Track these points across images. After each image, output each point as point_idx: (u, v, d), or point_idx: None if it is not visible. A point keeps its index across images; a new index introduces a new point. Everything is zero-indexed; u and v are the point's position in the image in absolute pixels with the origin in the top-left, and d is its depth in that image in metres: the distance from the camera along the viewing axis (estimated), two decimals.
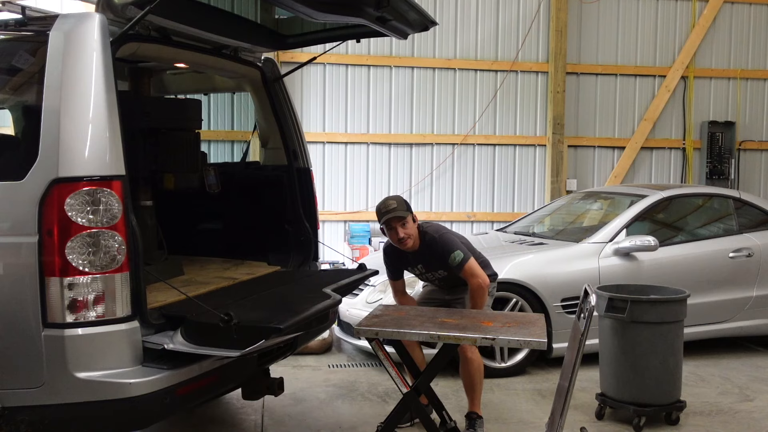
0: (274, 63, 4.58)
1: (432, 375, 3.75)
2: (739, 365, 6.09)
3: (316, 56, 5.57)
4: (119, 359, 2.87)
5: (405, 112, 9.03)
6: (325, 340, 6.21)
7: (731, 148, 9.62)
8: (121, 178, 2.88)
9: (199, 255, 4.64)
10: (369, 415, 4.78)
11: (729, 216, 6.54)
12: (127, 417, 2.89)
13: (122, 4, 3.07)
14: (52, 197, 2.77)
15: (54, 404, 2.80)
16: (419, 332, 3.53)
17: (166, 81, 4.97)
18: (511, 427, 4.62)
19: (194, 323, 3.02)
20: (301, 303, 3.37)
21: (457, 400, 5.09)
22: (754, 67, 9.79)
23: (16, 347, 2.83)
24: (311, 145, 6.80)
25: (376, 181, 9.01)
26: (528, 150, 9.32)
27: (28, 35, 3.13)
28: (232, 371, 3.37)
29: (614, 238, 5.99)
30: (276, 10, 4.37)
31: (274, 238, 4.55)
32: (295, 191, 4.51)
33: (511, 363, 5.68)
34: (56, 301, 2.77)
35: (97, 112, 2.85)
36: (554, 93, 9.12)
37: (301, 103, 8.64)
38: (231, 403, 4.95)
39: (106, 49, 2.92)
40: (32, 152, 2.82)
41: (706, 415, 4.91)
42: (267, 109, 4.52)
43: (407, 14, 3.86)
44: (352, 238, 8.59)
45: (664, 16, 9.53)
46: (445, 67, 9.04)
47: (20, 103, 3.38)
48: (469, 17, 9.09)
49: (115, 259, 2.85)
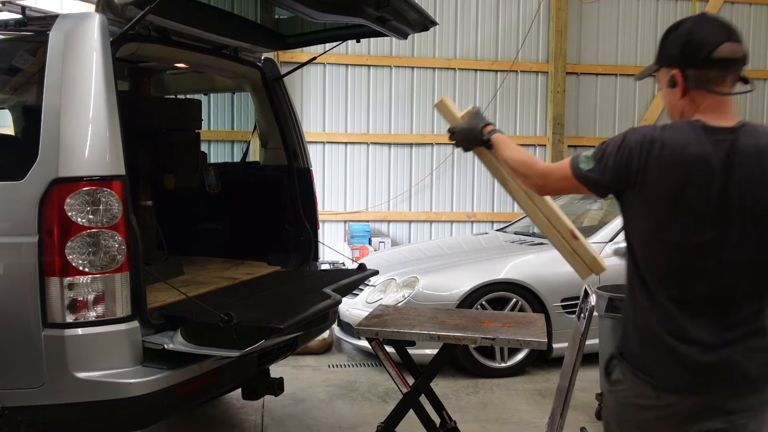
0: (274, 63, 4.58)
1: (432, 375, 3.75)
2: None
3: (316, 56, 5.57)
4: (119, 359, 2.86)
5: (405, 112, 9.03)
6: (325, 340, 6.21)
7: None
8: (121, 178, 2.88)
9: (199, 255, 4.64)
10: (369, 415, 4.78)
11: None
12: (127, 417, 2.89)
13: (122, 4, 3.07)
14: (52, 197, 2.77)
15: (54, 404, 2.80)
16: (419, 332, 3.53)
17: (166, 81, 4.97)
18: (511, 427, 4.62)
19: (194, 323, 3.02)
20: (301, 303, 3.36)
21: (457, 400, 5.09)
22: (754, 67, 9.78)
23: (16, 347, 2.83)
24: (311, 145, 6.80)
25: (376, 181, 9.01)
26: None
27: (28, 35, 3.13)
28: (232, 371, 3.37)
29: (614, 238, 5.98)
30: (276, 10, 4.37)
31: (274, 238, 4.55)
32: (295, 191, 4.51)
33: (511, 363, 5.68)
34: (56, 301, 2.77)
35: (97, 112, 2.85)
36: (554, 93, 9.12)
37: (301, 103, 8.64)
38: (231, 403, 4.95)
39: (106, 49, 2.92)
40: (32, 152, 2.81)
41: None
42: (267, 109, 4.52)
43: (407, 14, 3.86)
44: (352, 238, 8.59)
45: (664, 16, 9.52)
46: (445, 67, 9.04)
47: (20, 103, 3.38)
48: (469, 17, 9.09)
49: (115, 259, 2.85)
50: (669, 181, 1.93)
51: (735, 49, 2.00)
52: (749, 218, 1.93)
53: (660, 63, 2.09)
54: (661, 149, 1.93)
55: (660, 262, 2.00)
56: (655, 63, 2.11)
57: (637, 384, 2.02)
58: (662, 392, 1.98)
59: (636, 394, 2.03)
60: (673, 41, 2.03)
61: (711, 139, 1.93)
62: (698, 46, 1.97)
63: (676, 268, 1.97)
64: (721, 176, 1.91)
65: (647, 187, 1.95)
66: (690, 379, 1.96)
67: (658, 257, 2.01)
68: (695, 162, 1.91)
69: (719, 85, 1.99)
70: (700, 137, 1.93)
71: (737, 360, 1.95)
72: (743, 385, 1.97)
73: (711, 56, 1.96)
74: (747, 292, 1.97)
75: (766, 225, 1.94)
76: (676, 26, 2.06)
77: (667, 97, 2.09)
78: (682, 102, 2.03)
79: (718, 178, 1.91)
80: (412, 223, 9.12)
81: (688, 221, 1.93)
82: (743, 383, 1.96)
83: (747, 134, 1.95)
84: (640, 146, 1.95)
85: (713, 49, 1.96)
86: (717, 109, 1.98)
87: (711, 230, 1.93)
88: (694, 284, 1.96)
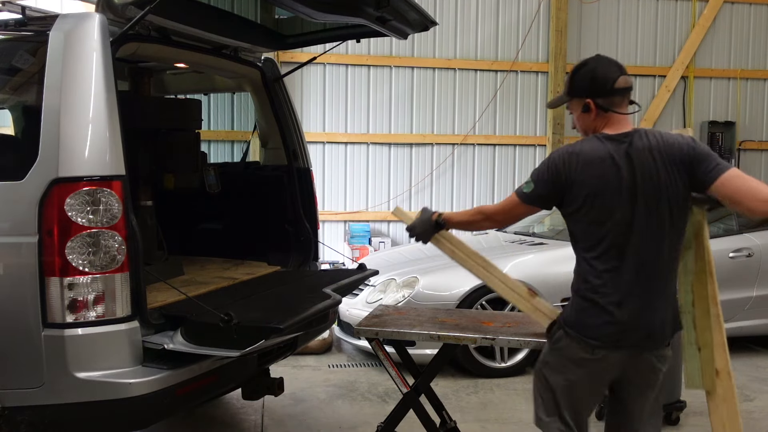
0: (274, 63, 4.57)
1: (432, 375, 3.75)
2: (739, 365, 6.08)
3: (316, 56, 5.57)
4: (119, 359, 2.86)
5: (405, 112, 9.03)
6: (325, 340, 6.21)
7: (731, 148, 9.62)
8: (121, 178, 2.88)
9: (199, 255, 4.64)
10: (369, 415, 4.78)
11: (729, 216, 6.53)
12: (127, 417, 2.89)
13: (122, 4, 3.07)
14: (52, 197, 2.77)
15: (54, 404, 2.80)
16: (419, 332, 3.53)
17: (166, 81, 4.97)
18: (511, 427, 4.62)
19: (194, 323, 3.02)
20: (301, 303, 3.37)
21: (457, 400, 5.09)
22: (754, 67, 9.79)
23: (16, 347, 2.83)
24: (311, 145, 6.80)
25: (376, 181, 9.01)
26: (528, 150, 9.32)
27: (28, 35, 3.13)
28: (232, 371, 3.37)
29: None
30: (276, 10, 4.36)
31: (274, 238, 4.55)
32: (295, 191, 4.51)
33: (511, 363, 5.68)
34: (56, 301, 2.77)
35: (97, 112, 2.85)
36: (554, 93, 9.11)
37: (301, 103, 8.64)
38: (231, 403, 4.95)
39: (106, 49, 2.91)
40: (32, 152, 2.81)
41: (706, 415, 4.88)
42: (267, 109, 4.51)
43: (407, 14, 3.86)
44: (352, 238, 8.59)
45: (664, 16, 9.52)
46: (445, 67, 9.04)
47: (20, 103, 3.38)
48: (469, 17, 9.09)
49: (115, 259, 2.85)
50: (589, 178, 2.55)
51: (627, 80, 2.66)
52: (651, 196, 2.53)
53: (572, 95, 2.71)
54: (578, 157, 2.58)
55: (591, 239, 2.59)
56: (567, 95, 2.73)
57: (575, 343, 2.62)
58: (597, 348, 2.59)
59: (575, 350, 2.63)
60: (582, 77, 2.66)
61: (614, 144, 2.58)
62: (603, 80, 2.62)
63: (604, 243, 2.57)
64: (624, 168, 2.54)
65: (576, 187, 2.57)
66: (616, 335, 2.57)
67: (590, 236, 2.60)
68: (604, 161, 2.55)
69: (620, 107, 2.65)
70: (605, 144, 2.59)
71: (650, 317, 2.58)
72: (657, 337, 2.63)
73: (614, 87, 2.61)
74: (658, 258, 2.58)
75: (663, 201, 2.54)
76: (581, 66, 2.69)
77: (580, 119, 2.72)
78: (594, 122, 2.67)
79: (622, 170, 2.54)
80: None
81: (607, 205, 2.54)
82: (657, 336, 2.63)
83: (639, 137, 2.60)
84: (563, 160, 2.59)
85: (614, 81, 2.61)
86: (618, 123, 2.64)
87: (625, 209, 2.53)
88: (618, 254, 2.56)
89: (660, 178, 2.53)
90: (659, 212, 2.55)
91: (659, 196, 2.54)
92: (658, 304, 2.61)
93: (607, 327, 2.58)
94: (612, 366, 2.64)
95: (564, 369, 2.68)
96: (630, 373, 2.68)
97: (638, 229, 2.54)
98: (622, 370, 2.67)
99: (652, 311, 2.59)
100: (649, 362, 2.68)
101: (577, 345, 2.62)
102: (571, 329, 2.64)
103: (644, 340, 2.62)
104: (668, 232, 2.59)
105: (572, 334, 2.63)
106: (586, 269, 2.63)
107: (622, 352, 2.61)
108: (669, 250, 2.61)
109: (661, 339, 2.67)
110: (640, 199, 2.53)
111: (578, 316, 2.64)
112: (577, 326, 2.63)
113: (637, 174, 2.53)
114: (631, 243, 2.55)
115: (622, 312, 2.56)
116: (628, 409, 2.79)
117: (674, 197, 2.56)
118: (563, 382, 2.69)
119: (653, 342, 2.64)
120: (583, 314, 2.62)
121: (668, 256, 2.61)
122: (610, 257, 2.56)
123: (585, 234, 2.62)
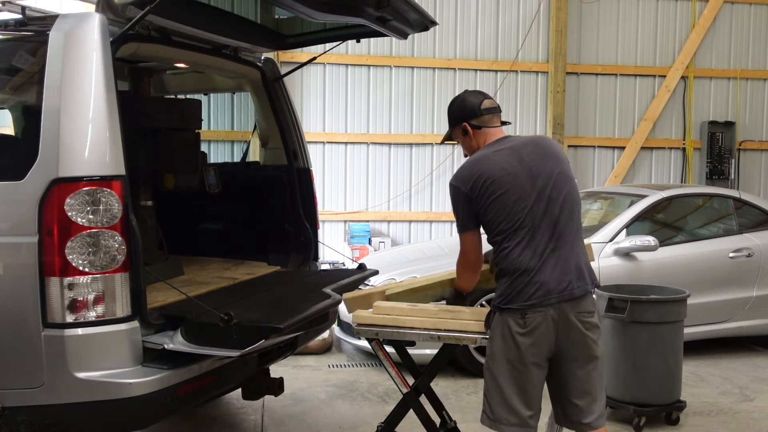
0: (274, 63, 4.57)
1: (432, 375, 3.75)
2: (739, 365, 6.09)
3: (316, 56, 5.57)
4: (119, 359, 2.87)
5: (405, 112, 9.03)
6: (325, 340, 6.21)
7: (731, 148, 9.61)
8: (121, 178, 2.88)
9: (199, 255, 4.64)
10: (369, 415, 4.78)
11: (729, 216, 6.53)
12: (127, 417, 2.89)
13: (122, 4, 3.07)
14: (52, 197, 2.77)
15: (54, 404, 2.80)
16: (419, 332, 3.53)
17: (166, 81, 4.97)
18: None
19: (194, 323, 3.02)
20: (301, 303, 3.37)
21: (457, 400, 5.09)
22: (754, 67, 9.78)
23: (16, 347, 2.83)
24: (311, 145, 6.80)
25: (376, 181, 9.01)
26: None
27: (28, 35, 3.13)
28: (232, 371, 3.37)
29: (614, 238, 5.99)
30: (276, 10, 4.36)
31: (274, 238, 4.55)
32: (295, 191, 4.51)
33: None
34: (56, 301, 2.77)
35: (97, 112, 2.85)
36: (554, 93, 9.12)
37: (301, 103, 8.64)
38: (231, 403, 4.95)
39: (106, 49, 2.92)
40: (32, 152, 2.82)
41: (706, 415, 4.91)
42: (267, 109, 4.52)
43: (407, 14, 3.86)
44: (352, 238, 8.59)
45: (664, 16, 9.52)
46: (445, 67, 9.04)
47: (20, 103, 3.38)
48: (469, 17, 9.09)
49: (115, 259, 2.85)
50: (492, 183, 2.99)
51: (492, 102, 3.23)
52: (541, 181, 3.00)
53: (452, 125, 3.26)
54: (476, 171, 3.03)
55: (507, 225, 2.98)
56: (450, 127, 3.28)
57: (509, 318, 2.97)
58: (526, 313, 2.93)
59: (510, 327, 2.96)
60: (456, 108, 3.24)
61: (497, 148, 3.09)
62: (471, 105, 3.19)
63: (516, 225, 2.97)
64: (516, 163, 3.01)
65: (485, 194, 3.00)
66: (539, 297, 2.92)
67: (505, 224, 2.98)
68: (497, 164, 3.02)
69: (491, 123, 3.19)
70: (491, 151, 3.08)
71: (558, 276, 2.94)
72: (574, 290, 2.95)
73: (481, 108, 3.17)
74: (557, 229, 2.98)
75: (549, 184, 3.00)
76: (452, 101, 3.28)
77: (464, 143, 3.25)
78: (474, 141, 3.19)
79: (516, 166, 3.00)
80: (412, 223, 9.12)
81: (513, 196, 2.97)
82: (574, 290, 2.96)
83: (515, 139, 3.15)
84: (464, 182, 3.05)
85: (480, 104, 3.18)
86: (495, 136, 3.17)
87: (528, 195, 2.97)
88: (527, 233, 2.96)
89: (545, 163, 3.04)
90: (551, 194, 3.01)
91: (546, 181, 3.02)
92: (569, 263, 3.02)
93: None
94: (544, 335, 2.94)
95: (505, 351, 2.99)
96: (563, 344, 2.97)
97: (540, 210, 2.99)
98: (555, 341, 2.96)
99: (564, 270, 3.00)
100: (577, 329, 2.96)
101: (510, 318, 2.97)
102: (501, 304, 3.01)
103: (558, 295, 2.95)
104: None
105: (503, 308, 3.00)
106: (501, 252, 3.05)
107: (547, 310, 2.93)
108: (562, 224, 3.05)
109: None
110: (537, 184, 2.99)
111: (504, 291, 3.02)
112: (507, 299, 3.01)
113: (528, 164, 3.01)
114: (538, 222, 2.99)
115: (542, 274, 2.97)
116: (566, 382, 3.05)
117: (554, 174, 3.06)
118: (506, 366, 2.99)
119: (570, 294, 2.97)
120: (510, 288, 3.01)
121: (565, 228, 3.03)
122: (520, 237, 2.99)
123: (499, 223, 3.02)
